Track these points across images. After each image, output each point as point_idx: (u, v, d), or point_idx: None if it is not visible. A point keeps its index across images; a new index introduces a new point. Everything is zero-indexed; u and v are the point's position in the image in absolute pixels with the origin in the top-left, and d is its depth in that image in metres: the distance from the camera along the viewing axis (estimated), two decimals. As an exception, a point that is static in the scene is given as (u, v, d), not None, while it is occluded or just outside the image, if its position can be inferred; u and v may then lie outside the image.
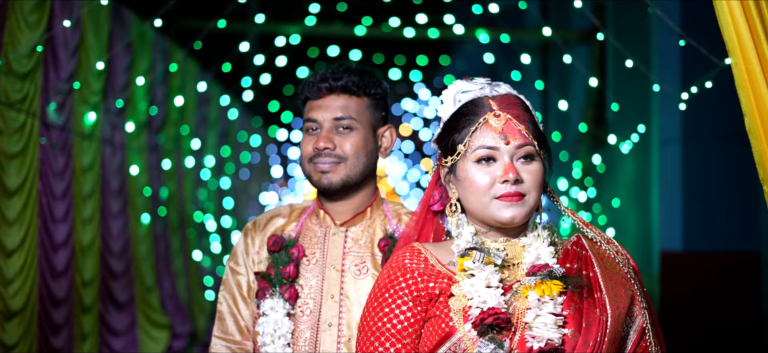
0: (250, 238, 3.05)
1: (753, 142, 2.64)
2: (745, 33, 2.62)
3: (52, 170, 5.54)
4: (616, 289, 2.41)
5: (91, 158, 6.18)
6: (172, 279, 8.13)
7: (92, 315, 6.20)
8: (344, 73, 2.97)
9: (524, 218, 2.42)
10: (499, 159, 2.44)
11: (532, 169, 2.43)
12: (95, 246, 6.26)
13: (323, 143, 2.92)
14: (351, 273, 2.95)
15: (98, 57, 6.01)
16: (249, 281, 3.01)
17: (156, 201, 7.72)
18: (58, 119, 5.59)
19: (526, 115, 2.47)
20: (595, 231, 2.54)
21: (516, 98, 2.51)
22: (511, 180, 2.40)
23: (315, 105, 2.97)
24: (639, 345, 2.43)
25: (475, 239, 2.47)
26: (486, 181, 2.44)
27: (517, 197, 2.41)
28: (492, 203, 2.43)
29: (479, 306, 2.36)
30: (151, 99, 7.38)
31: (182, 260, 8.48)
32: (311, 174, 2.96)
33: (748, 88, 2.64)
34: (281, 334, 2.83)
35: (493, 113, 2.46)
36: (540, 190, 2.44)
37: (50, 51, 5.40)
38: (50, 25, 5.21)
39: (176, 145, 8.32)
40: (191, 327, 8.40)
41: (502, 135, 2.44)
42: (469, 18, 8.66)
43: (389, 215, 3.06)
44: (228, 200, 10.48)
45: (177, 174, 8.37)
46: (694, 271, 7.39)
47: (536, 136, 2.46)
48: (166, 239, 8.04)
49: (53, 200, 5.56)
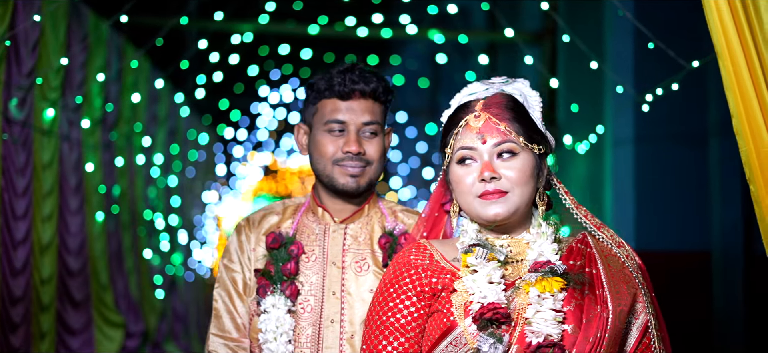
0: (245, 235, 3.05)
1: (740, 143, 2.67)
2: (733, 36, 2.67)
3: (14, 167, 5.46)
4: (619, 286, 2.45)
5: (51, 154, 6.10)
6: (125, 278, 8.05)
7: (50, 313, 6.13)
8: (373, 79, 2.98)
9: (510, 214, 2.46)
10: (478, 159, 2.49)
11: (512, 165, 2.46)
12: (54, 244, 6.19)
13: (356, 147, 2.93)
14: (352, 269, 2.97)
15: (57, 53, 5.95)
16: (244, 278, 3.00)
17: (110, 199, 7.64)
18: (19, 114, 5.52)
19: (509, 112, 2.50)
20: (606, 233, 2.58)
21: (502, 97, 2.55)
22: (487, 178, 2.45)
23: (342, 106, 2.96)
24: (641, 341, 2.48)
25: (479, 236, 2.51)
26: (469, 181, 2.49)
27: (499, 194, 2.45)
28: (475, 201, 2.48)
29: (480, 301, 2.40)
30: (106, 96, 7.31)
31: (133, 258, 8.40)
32: (335, 176, 2.96)
33: (735, 90, 2.68)
34: (283, 331, 2.84)
35: (473, 114, 2.52)
36: (527, 185, 2.47)
37: (13, 47, 5.32)
38: (13, 22, 5.14)
39: (128, 142, 8.24)
40: (144, 326, 8.33)
41: (479, 135, 2.48)
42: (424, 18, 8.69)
43: (385, 212, 3.09)
44: (175, 199, 10.40)
45: (129, 172, 8.30)
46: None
47: (523, 132, 2.49)
48: (119, 237, 7.96)
49: (15, 196, 5.48)
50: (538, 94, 2.61)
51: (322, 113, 2.98)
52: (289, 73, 13.03)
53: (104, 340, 7.14)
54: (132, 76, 7.99)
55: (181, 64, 7.43)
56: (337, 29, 8.70)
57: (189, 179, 11.46)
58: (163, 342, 9.30)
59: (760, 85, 2.62)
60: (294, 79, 13.41)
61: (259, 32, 8.71)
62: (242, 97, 13.07)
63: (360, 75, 2.95)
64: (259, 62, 10.96)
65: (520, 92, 2.56)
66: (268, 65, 12.40)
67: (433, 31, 8.76)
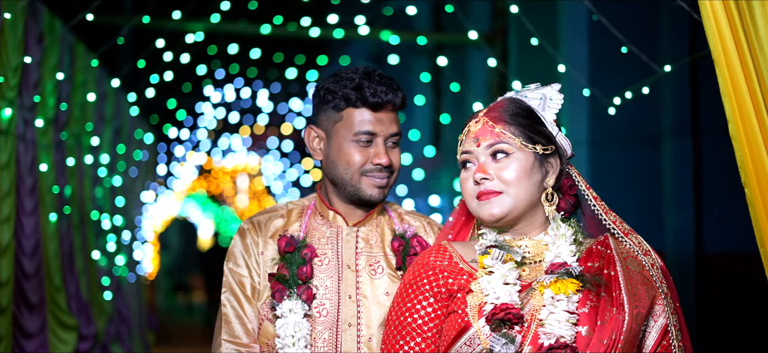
0: (251, 239, 3.00)
1: (736, 147, 2.72)
2: (730, 42, 2.71)
3: (-26, 168, 5.36)
4: (637, 288, 2.47)
5: (8, 155, 5.98)
6: (76, 280, 7.92)
7: (6, 317, 6.01)
8: (400, 90, 2.96)
9: (505, 213, 2.49)
10: (475, 161, 2.52)
11: (504, 165, 2.49)
12: (12, 247, 6.07)
13: (387, 159, 2.92)
14: (366, 272, 2.95)
15: (16, 52, 5.85)
16: (253, 282, 2.97)
17: (62, 199, 7.52)
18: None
19: (507, 115, 2.54)
20: (634, 239, 2.60)
21: (506, 101, 2.61)
22: (478, 179, 2.49)
23: (373, 118, 2.93)
24: (661, 343, 2.50)
25: (498, 237, 2.53)
26: (469, 183, 2.54)
27: (492, 194, 2.49)
28: (473, 202, 2.53)
29: (493, 302, 2.43)
30: (59, 95, 7.19)
31: (83, 259, 8.27)
32: (362, 186, 2.94)
33: (731, 95, 2.72)
34: (302, 336, 2.81)
35: (474, 120, 2.56)
36: (521, 185, 2.49)
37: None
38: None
39: (77, 142, 8.12)
40: (96, 328, 8.21)
41: (475, 138, 2.52)
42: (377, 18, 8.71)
43: (392, 215, 3.09)
44: (120, 199, 10.28)
45: (78, 172, 8.18)
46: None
47: (522, 133, 2.52)
48: (70, 238, 7.84)
49: (-24, 198, 5.38)
50: (562, 96, 2.63)
51: (350, 122, 2.93)
52: (236, 72, 12.97)
53: (58, 343, 7.01)
54: (82, 75, 7.88)
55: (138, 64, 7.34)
56: (289, 29, 8.67)
57: (132, 179, 11.34)
58: (111, 344, 9.18)
59: (755, 91, 2.66)
60: (239, 78, 13.35)
61: (210, 31, 8.66)
62: (189, 96, 12.98)
63: (389, 85, 2.92)
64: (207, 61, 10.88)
65: (541, 96, 2.59)
66: (215, 64, 12.32)
67: (386, 33, 8.77)
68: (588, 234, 2.66)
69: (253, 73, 13.08)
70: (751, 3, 2.64)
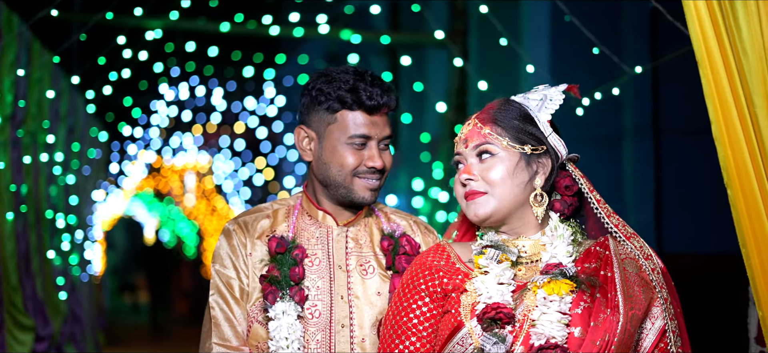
0: (238, 240, 2.94)
1: (719, 148, 2.74)
2: (714, 45, 2.73)
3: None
4: (633, 290, 2.46)
5: (-31, 153, 5.89)
6: (32, 280, 7.81)
7: (-35, 317, 5.92)
8: (393, 93, 2.94)
9: (490, 213, 2.50)
10: (464, 163, 2.53)
11: (488, 165, 2.51)
12: (-29, 246, 5.97)
13: (381, 162, 2.89)
14: (357, 272, 2.93)
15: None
16: (241, 283, 2.92)
17: (18, 198, 7.41)
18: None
19: (495, 116, 2.54)
20: (636, 243, 2.59)
21: (498, 102, 2.61)
22: (463, 180, 2.50)
23: (368, 121, 2.89)
24: (658, 346, 2.49)
25: (495, 237, 2.53)
26: (458, 184, 2.54)
27: (477, 195, 2.50)
28: (462, 202, 2.54)
29: (486, 302, 2.42)
30: (16, 93, 7.09)
31: (39, 259, 8.16)
32: (354, 188, 2.91)
33: (714, 97, 2.74)
34: (296, 337, 2.77)
35: (467, 121, 2.57)
36: (505, 184, 2.50)
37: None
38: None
39: (33, 140, 8.01)
40: (52, 329, 8.10)
41: (464, 140, 2.54)
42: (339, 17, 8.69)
43: (380, 215, 3.07)
44: (74, 198, 10.16)
45: (34, 170, 8.07)
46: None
47: (509, 133, 2.52)
48: (27, 237, 7.72)
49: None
50: (563, 97, 2.62)
51: (345, 124, 2.88)
52: (192, 70, 12.87)
53: (15, 344, 6.91)
54: (39, 72, 7.78)
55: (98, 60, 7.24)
56: (248, 27, 8.62)
57: (85, 177, 11.21)
58: (65, 345, 9.06)
59: (738, 93, 2.69)
60: (194, 77, 13.26)
61: (168, 29, 8.57)
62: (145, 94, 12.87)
63: (382, 88, 2.89)
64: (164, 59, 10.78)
65: (542, 97, 2.59)
66: (171, 62, 12.21)
67: (346, 32, 8.75)
68: (589, 235, 2.65)
69: (209, 71, 12.99)
70: (734, 5, 2.66)
